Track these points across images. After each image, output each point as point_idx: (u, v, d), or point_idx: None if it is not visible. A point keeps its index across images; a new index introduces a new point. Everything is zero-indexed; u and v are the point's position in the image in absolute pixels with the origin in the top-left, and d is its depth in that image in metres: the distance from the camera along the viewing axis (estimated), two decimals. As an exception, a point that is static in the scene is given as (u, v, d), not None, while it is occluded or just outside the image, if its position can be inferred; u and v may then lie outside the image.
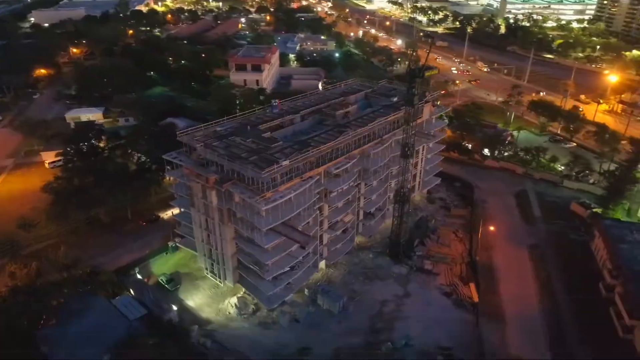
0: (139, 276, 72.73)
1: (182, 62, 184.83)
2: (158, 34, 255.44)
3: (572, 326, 65.43)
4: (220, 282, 70.16)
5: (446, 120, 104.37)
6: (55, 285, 64.89)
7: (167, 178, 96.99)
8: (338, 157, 67.61)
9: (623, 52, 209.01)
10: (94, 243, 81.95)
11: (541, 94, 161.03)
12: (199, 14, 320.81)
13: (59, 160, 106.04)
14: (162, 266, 76.99)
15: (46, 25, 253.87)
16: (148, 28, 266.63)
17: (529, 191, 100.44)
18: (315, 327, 64.76)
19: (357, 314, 67.16)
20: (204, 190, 62.87)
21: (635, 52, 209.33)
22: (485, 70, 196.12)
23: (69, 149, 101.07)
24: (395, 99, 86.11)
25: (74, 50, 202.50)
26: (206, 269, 71.74)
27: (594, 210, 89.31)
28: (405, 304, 69.21)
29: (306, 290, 69.44)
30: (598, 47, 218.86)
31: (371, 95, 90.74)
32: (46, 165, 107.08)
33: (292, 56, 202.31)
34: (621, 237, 73.87)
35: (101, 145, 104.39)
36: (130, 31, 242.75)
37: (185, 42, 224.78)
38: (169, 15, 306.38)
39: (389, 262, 77.44)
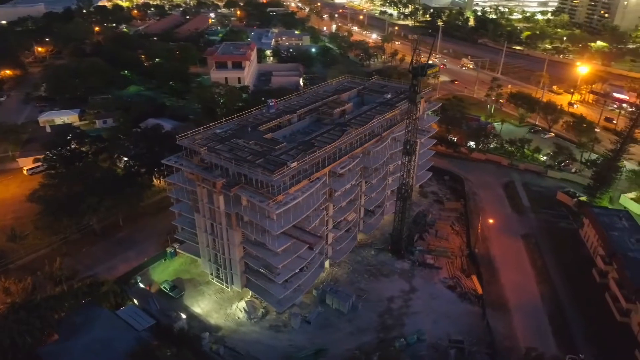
0: (141, 285, 70.75)
1: (156, 59, 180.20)
2: (126, 30, 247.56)
3: (572, 312, 68.00)
4: (226, 287, 69.11)
5: (436, 116, 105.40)
6: (56, 299, 62.24)
7: (158, 182, 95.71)
8: (342, 156, 67.54)
9: (589, 44, 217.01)
10: (86, 253, 79.43)
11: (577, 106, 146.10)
12: (166, 9, 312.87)
13: (39, 167, 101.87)
14: (162, 273, 75.15)
15: (4, 22, 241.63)
16: (114, 24, 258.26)
17: (516, 182, 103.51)
18: (327, 328, 64.85)
19: (367, 311, 67.60)
20: (211, 195, 61.61)
21: (599, 43, 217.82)
22: (472, 67, 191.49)
23: (50, 154, 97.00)
24: (388, 96, 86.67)
25: (39, 49, 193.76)
26: (211, 274, 70.49)
27: (580, 198, 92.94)
28: (412, 299, 70.15)
29: (314, 291, 69.39)
30: (565, 38, 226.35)
31: (363, 92, 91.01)
32: (24, 171, 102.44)
33: (268, 52, 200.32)
34: (611, 225, 77.11)
35: (84, 149, 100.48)
36: (97, 28, 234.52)
37: (155, 38, 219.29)
38: (135, 11, 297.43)
39: (391, 258, 78.23)
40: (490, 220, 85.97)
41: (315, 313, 65.87)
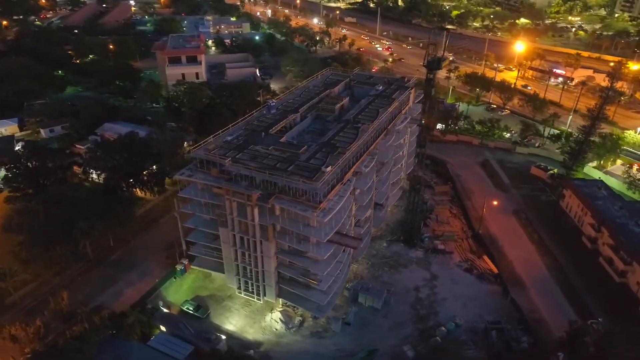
0: (164, 309, 65.97)
1: (90, 56, 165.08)
2: (38, 23, 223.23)
3: (577, 279, 74.17)
4: (257, 299, 66.60)
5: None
6: (78, 339, 56.20)
7: (143, 194, 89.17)
8: (362, 154, 67.17)
9: (516, 21, 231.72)
10: (83, 281, 72.61)
11: None
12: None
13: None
14: (176, 293, 70.61)
15: None
16: (21, 16, 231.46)
17: (490, 160, 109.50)
18: (366, 326, 65.12)
19: (398, 304, 68.74)
20: (243, 208, 58.48)
21: (522, 20, 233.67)
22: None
23: (9, 173, 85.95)
24: (380, 88, 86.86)
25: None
26: (238, 288, 67.40)
27: (551, 172, 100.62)
28: (437, 286, 72.36)
29: (345, 291, 69.21)
30: (492, 16, 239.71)
31: (352, 84, 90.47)
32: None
33: (209, 42, 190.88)
34: (593, 195, 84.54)
35: (49, 165, 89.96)
36: (5, 22, 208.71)
37: (75, 31, 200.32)
38: (43, 0, 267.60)
39: (403, 248, 79.83)
40: (481, 200, 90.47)
41: (352, 313, 65.80)
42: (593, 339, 56.27)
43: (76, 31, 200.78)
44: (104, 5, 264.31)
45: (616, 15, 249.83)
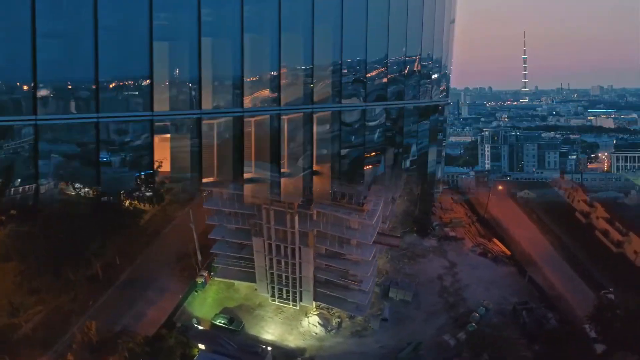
0: (199, 327, 63.29)
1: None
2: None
3: (580, 253, 79.36)
4: (293, 305, 65.55)
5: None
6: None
7: (142, 205, 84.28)
8: (382, 151, 67.39)
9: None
10: (97, 305, 67.85)
11: None
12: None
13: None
14: (201, 307, 67.92)
15: None
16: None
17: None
18: (402, 321, 65.99)
19: (426, 295, 70.27)
20: (281, 215, 57.05)
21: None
22: None
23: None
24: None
25: None
26: (272, 295, 65.93)
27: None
28: (458, 273, 74.72)
29: (376, 287, 69.78)
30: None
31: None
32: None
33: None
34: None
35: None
36: None
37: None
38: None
39: (417, 238, 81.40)
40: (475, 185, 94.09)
41: (387, 309, 66.55)
42: (619, 311, 60.49)
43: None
44: None
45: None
